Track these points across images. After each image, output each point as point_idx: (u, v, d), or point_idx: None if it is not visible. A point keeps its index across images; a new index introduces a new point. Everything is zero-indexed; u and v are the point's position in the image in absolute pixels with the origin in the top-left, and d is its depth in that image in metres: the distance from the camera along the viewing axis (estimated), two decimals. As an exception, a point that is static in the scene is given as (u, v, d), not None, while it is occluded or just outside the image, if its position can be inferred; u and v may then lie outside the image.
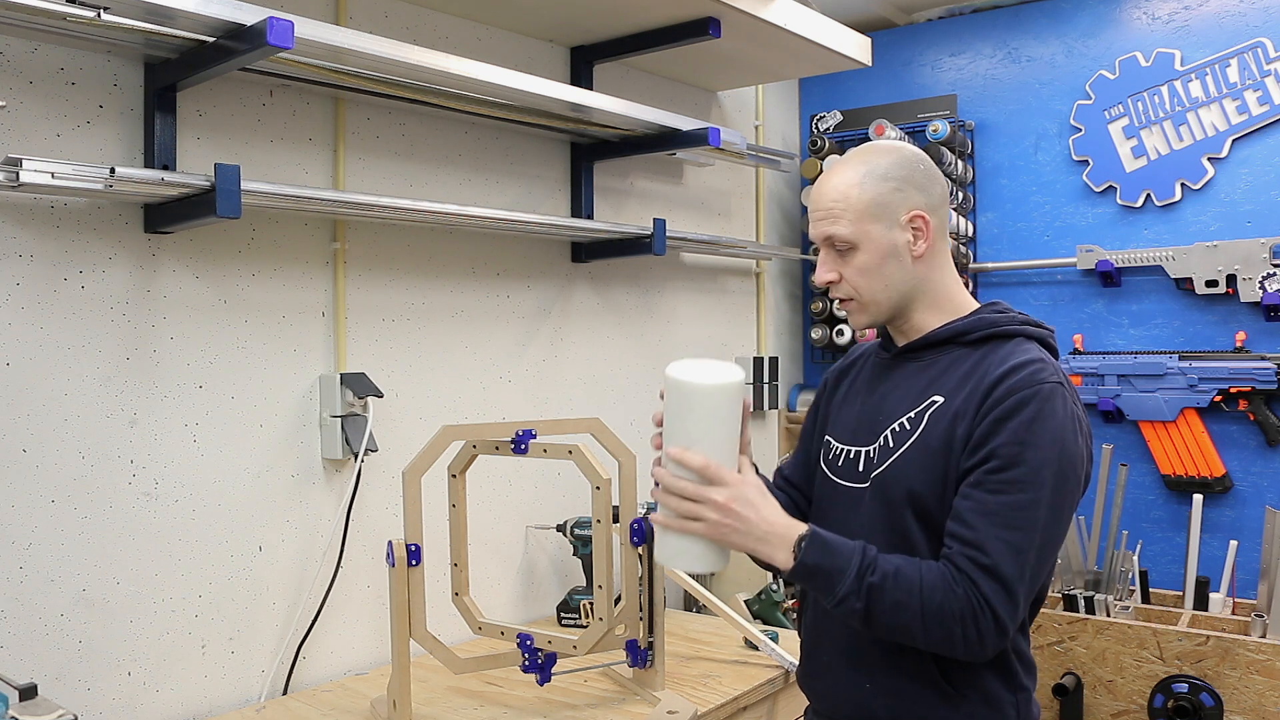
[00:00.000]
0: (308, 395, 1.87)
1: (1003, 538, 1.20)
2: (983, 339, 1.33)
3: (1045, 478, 1.21)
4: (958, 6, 2.93)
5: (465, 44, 2.15)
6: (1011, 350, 1.30)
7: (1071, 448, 1.23)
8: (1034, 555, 1.21)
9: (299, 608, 1.84)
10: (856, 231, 1.33)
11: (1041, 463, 1.21)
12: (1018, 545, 1.20)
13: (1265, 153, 2.48)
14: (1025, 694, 1.31)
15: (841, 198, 1.33)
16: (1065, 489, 1.22)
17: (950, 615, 1.19)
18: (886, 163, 1.34)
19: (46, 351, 1.53)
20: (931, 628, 1.20)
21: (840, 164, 1.37)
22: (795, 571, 1.25)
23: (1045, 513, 1.21)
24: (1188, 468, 2.57)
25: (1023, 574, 1.20)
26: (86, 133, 1.57)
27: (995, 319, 1.34)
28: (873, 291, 1.35)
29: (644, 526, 1.67)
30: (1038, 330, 1.35)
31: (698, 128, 2.24)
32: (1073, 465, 1.23)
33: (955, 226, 2.79)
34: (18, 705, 1.15)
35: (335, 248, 1.91)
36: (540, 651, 1.67)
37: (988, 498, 1.22)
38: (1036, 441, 1.21)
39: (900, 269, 1.34)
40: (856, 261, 1.34)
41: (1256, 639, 2.15)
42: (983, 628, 1.19)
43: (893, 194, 1.33)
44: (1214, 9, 2.54)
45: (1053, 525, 1.22)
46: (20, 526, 1.50)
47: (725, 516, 1.24)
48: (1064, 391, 1.25)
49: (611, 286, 2.53)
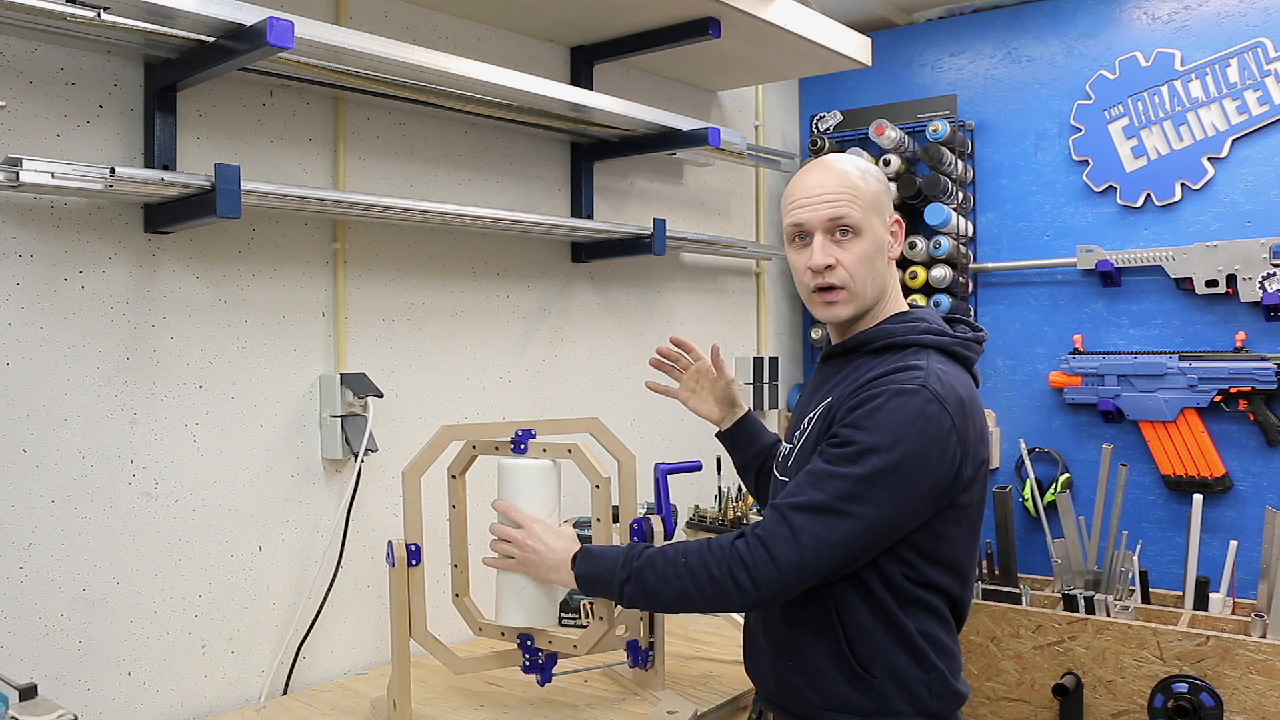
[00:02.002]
0: (308, 395, 1.87)
1: (802, 489, 1.29)
2: (880, 348, 1.39)
3: (869, 460, 1.25)
4: (958, 6, 2.93)
5: (465, 44, 2.15)
6: (899, 358, 1.36)
7: (910, 443, 1.26)
8: (837, 521, 1.26)
9: (299, 608, 1.85)
10: (864, 219, 1.40)
11: (870, 445, 1.26)
12: (811, 501, 1.27)
13: (1265, 153, 2.48)
14: (938, 673, 1.36)
15: (851, 186, 1.39)
16: (893, 477, 1.26)
17: (716, 566, 1.30)
18: (873, 168, 1.44)
19: (46, 351, 1.53)
20: (703, 586, 1.31)
21: (832, 160, 1.43)
22: (580, 584, 1.45)
23: (855, 487, 1.26)
24: (1188, 468, 2.57)
25: (810, 527, 1.26)
26: (86, 133, 1.57)
27: (894, 330, 1.40)
28: (863, 281, 1.41)
29: (644, 526, 1.67)
30: (938, 340, 1.38)
31: (698, 128, 2.24)
32: (909, 459, 1.26)
33: (955, 227, 2.79)
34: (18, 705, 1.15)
35: (335, 248, 1.91)
36: (541, 652, 1.67)
37: (816, 464, 1.30)
38: (872, 426, 1.27)
39: (884, 265, 1.43)
40: (856, 249, 1.40)
41: (1256, 639, 2.15)
42: (753, 566, 1.28)
43: (885, 195, 1.44)
44: (1214, 9, 2.54)
45: (870, 503, 1.26)
46: (20, 526, 1.50)
47: (524, 550, 1.53)
48: (927, 394, 1.28)
49: (611, 286, 2.53)
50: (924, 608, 1.35)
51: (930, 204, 2.77)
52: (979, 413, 1.37)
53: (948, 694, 1.36)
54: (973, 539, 1.40)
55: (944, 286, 2.82)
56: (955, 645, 1.41)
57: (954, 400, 1.30)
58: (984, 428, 1.37)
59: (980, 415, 1.37)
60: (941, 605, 1.38)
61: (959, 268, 2.83)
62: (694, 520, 2.55)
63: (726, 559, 1.30)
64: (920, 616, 1.35)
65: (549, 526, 1.55)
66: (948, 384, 1.31)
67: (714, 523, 2.50)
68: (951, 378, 1.33)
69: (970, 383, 1.40)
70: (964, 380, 1.37)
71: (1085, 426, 2.74)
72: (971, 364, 1.42)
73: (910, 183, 2.79)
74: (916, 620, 1.35)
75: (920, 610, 1.35)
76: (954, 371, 1.36)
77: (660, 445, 2.62)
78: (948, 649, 1.39)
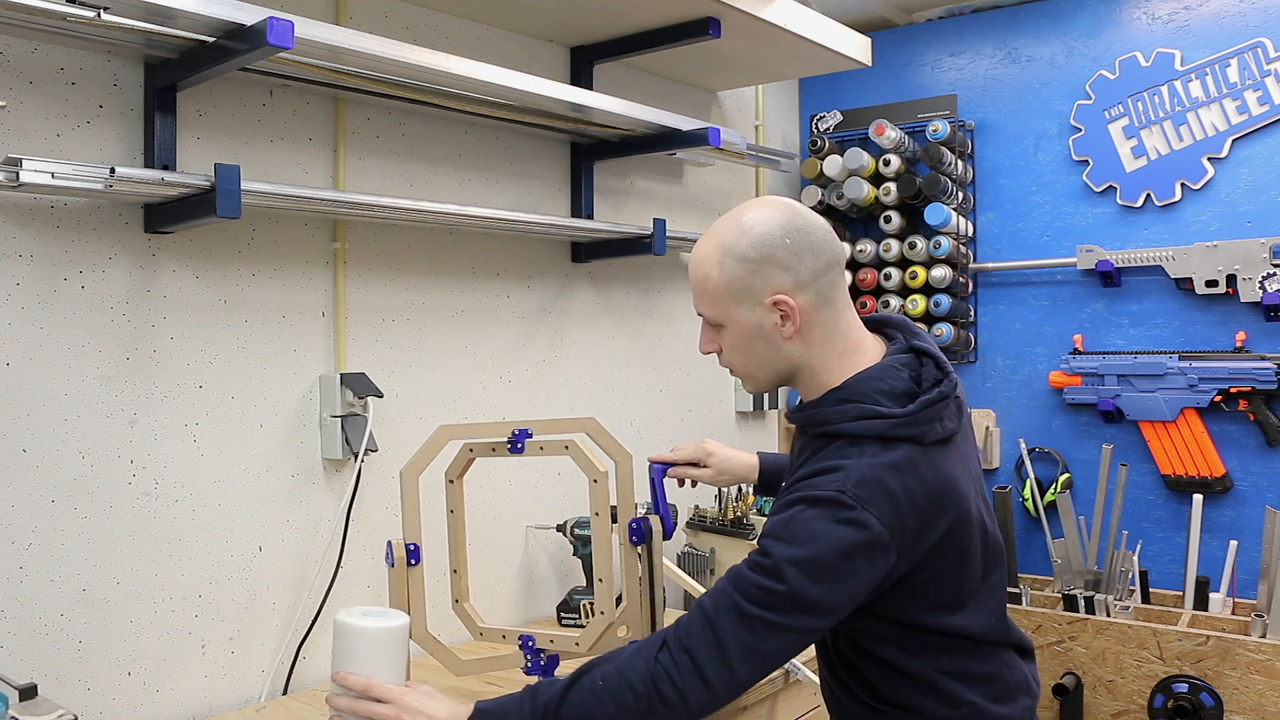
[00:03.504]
0: (308, 395, 1.87)
1: (727, 593, 1.23)
2: (817, 435, 1.33)
3: (788, 574, 1.19)
4: (958, 6, 2.93)
5: (465, 44, 2.15)
6: (825, 454, 1.28)
7: (829, 552, 1.19)
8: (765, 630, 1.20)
9: (299, 608, 1.85)
10: (719, 313, 1.33)
11: (789, 558, 1.20)
12: (737, 606, 1.21)
13: (1265, 153, 2.48)
14: (971, 707, 1.31)
15: (703, 278, 1.33)
16: (818, 587, 1.20)
17: (640, 682, 1.22)
18: (746, 241, 1.29)
19: (46, 351, 1.53)
20: (629, 708, 1.21)
21: (706, 236, 1.36)
22: None
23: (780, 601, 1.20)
24: (1188, 468, 2.57)
25: (735, 634, 1.20)
26: (86, 133, 1.57)
27: (826, 415, 1.30)
28: (748, 367, 1.36)
29: (643, 526, 1.67)
30: (869, 425, 1.26)
31: (698, 128, 2.24)
32: (830, 568, 1.19)
33: (955, 227, 2.79)
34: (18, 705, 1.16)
35: (335, 248, 1.91)
36: (543, 653, 1.67)
37: (740, 569, 1.25)
38: (789, 536, 1.21)
39: (770, 349, 1.32)
40: (726, 339, 1.35)
41: (1256, 639, 2.15)
42: (679, 678, 1.21)
43: (751, 276, 1.29)
44: (1214, 9, 2.54)
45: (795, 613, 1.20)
46: (20, 526, 1.50)
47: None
48: (844, 498, 1.20)
49: (611, 286, 2.53)
50: (940, 648, 1.30)
51: (930, 204, 2.77)
52: (924, 492, 1.24)
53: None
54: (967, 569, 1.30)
55: (944, 286, 2.83)
56: (994, 667, 1.34)
57: (881, 499, 1.21)
58: (939, 500, 1.25)
59: (930, 490, 1.25)
60: (964, 641, 1.32)
61: (959, 268, 2.83)
62: (694, 520, 2.56)
63: (649, 672, 1.21)
64: (939, 658, 1.30)
65: (424, 692, 1.34)
66: (874, 481, 1.21)
67: (714, 523, 2.51)
68: (879, 470, 1.22)
69: (912, 461, 1.24)
70: (903, 462, 1.24)
71: (1085, 426, 2.74)
72: (921, 439, 1.26)
73: (910, 183, 2.79)
74: (936, 663, 1.30)
75: (937, 653, 1.30)
76: (889, 459, 1.23)
77: (660, 445, 2.62)
78: (984, 676, 1.33)
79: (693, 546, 2.52)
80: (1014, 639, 1.40)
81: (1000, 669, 1.35)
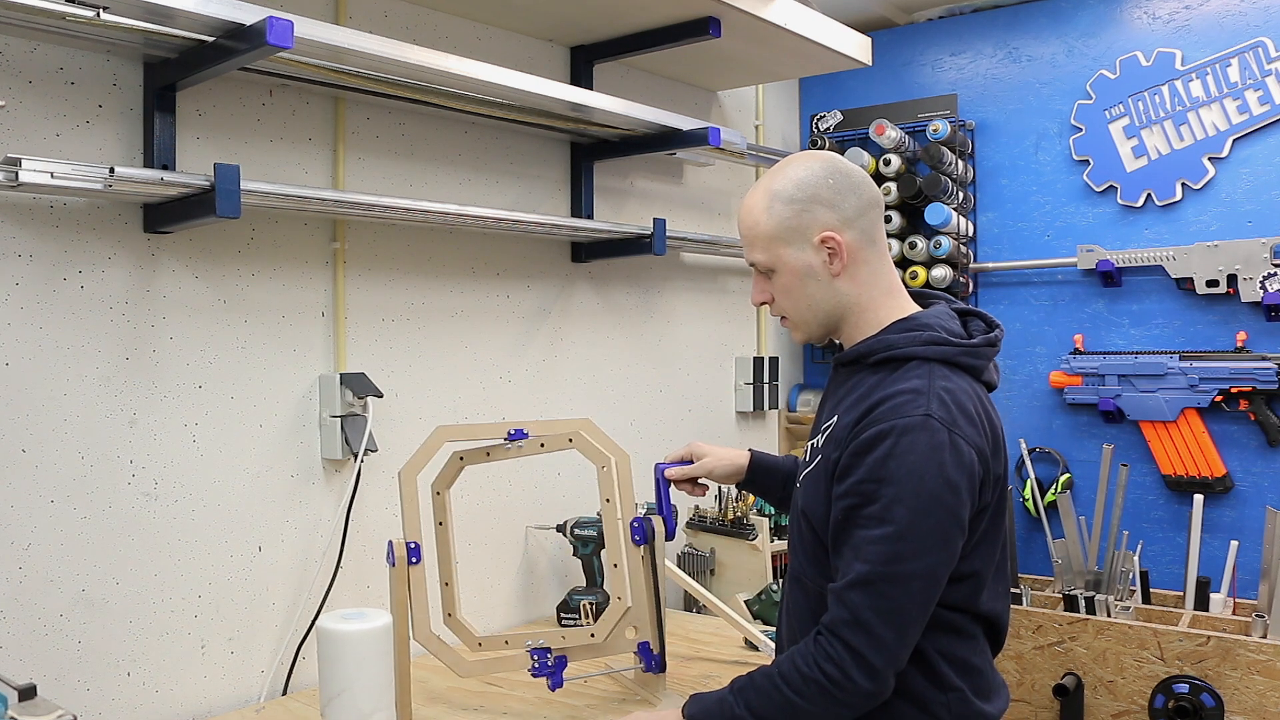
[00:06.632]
0: (307, 395, 1.86)
1: (850, 564, 1.25)
2: (880, 362, 1.34)
3: (899, 514, 1.21)
4: (958, 6, 2.93)
5: (465, 44, 2.15)
6: (897, 378, 1.30)
7: (933, 481, 1.22)
8: (889, 586, 1.22)
9: (299, 608, 1.84)
10: (770, 257, 1.37)
11: (894, 497, 1.22)
12: (859, 575, 1.23)
13: (1266, 152, 2.48)
14: (958, 694, 1.33)
15: (752, 225, 1.38)
16: (928, 522, 1.22)
17: (805, 664, 1.26)
18: (792, 185, 1.35)
19: (46, 351, 1.53)
20: (812, 699, 1.25)
21: (754, 187, 1.40)
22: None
23: (895, 546, 1.22)
24: (1188, 468, 2.57)
25: (867, 603, 1.22)
26: (86, 132, 1.57)
27: (893, 340, 1.33)
28: (799, 311, 1.39)
29: (644, 525, 1.67)
30: (940, 350, 1.31)
31: (698, 127, 2.24)
32: (935, 498, 1.22)
33: (956, 226, 2.79)
34: (17, 705, 1.15)
35: (335, 247, 1.91)
36: (549, 653, 1.65)
37: (851, 532, 1.26)
38: (888, 475, 1.23)
39: (821, 288, 1.37)
40: (778, 284, 1.38)
41: (1257, 639, 2.15)
42: (837, 658, 1.24)
43: (799, 216, 1.34)
44: (1214, 8, 2.54)
45: (914, 557, 1.22)
46: (20, 526, 1.50)
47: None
48: (933, 423, 1.23)
49: (611, 286, 2.52)
50: (944, 628, 1.31)
51: (930, 204, 2.77)
52: (990, 422, 1.32)
53: (969, 714, 1.33)
54: (990, 547, 1.34)
55: (944, 286, 2.82)
56: (984, 663, 1.37)
57: (963, 421, 1.26)
58: (998, 435, 1.33)
59: (992, 423, 1.32)
60: (966, 623, 1.34)
61: (959, 267, 2.83)
62: (694, 521, 2.56)
63: (811, 655, 1.26)
64: (939, 637, 1.31)
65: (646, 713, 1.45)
66: (952, 403, 1.26)
67: (714, 523, 2.51)
68: (956, 393, 1.27)
69: (978, 393, 1.33)
70: (971, 391, 1.30)
71: (1086, 426, 2.74)
72: (980, 372, 1.34)
73: (910, 183, 2.79)
74: (935, 641, 1.31)
75: (939, 631, 1.31)
76: (959, 384, 1.29)
77: (661, 445, 2.61)
78: (974, 668, 1.35)
79: (693, 547, 2.52)
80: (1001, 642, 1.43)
81: (987, 667, 1.39)
